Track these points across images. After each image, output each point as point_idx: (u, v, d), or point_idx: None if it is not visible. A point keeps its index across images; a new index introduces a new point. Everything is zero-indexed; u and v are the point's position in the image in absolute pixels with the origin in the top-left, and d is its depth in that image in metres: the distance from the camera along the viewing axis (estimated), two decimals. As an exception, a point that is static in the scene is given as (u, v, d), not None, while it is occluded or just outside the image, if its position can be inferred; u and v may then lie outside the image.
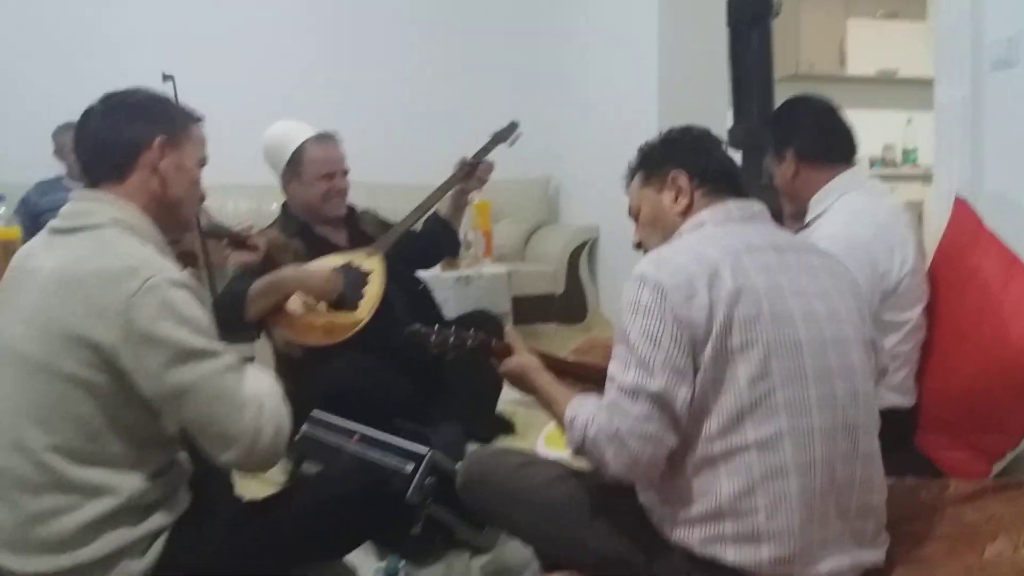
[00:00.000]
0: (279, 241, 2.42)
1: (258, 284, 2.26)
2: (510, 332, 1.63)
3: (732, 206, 1.45)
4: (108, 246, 1.35)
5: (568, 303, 4.51)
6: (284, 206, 2.63)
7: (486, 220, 4.23)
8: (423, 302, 2.66)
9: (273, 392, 1.42)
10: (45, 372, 1.31)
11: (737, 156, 3.19)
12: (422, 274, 2.80)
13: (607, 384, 1.34)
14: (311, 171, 2.51)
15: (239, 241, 1.92)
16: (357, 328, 2.31)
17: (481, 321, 2.48)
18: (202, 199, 1.57)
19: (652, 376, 1.28)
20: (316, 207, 2.54)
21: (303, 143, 2.52)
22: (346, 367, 2.23)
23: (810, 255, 1.45)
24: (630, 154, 1.60)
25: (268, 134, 2.61)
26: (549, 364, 1.57)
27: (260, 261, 2.23)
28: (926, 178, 4.92)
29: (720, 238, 1.39)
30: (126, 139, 1.44)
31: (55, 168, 3.85)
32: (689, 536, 1.32)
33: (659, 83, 3.95)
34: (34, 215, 3.59)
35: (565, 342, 3.79)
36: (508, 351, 1.58)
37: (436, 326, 1.65)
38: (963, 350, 1.96)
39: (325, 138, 2.56)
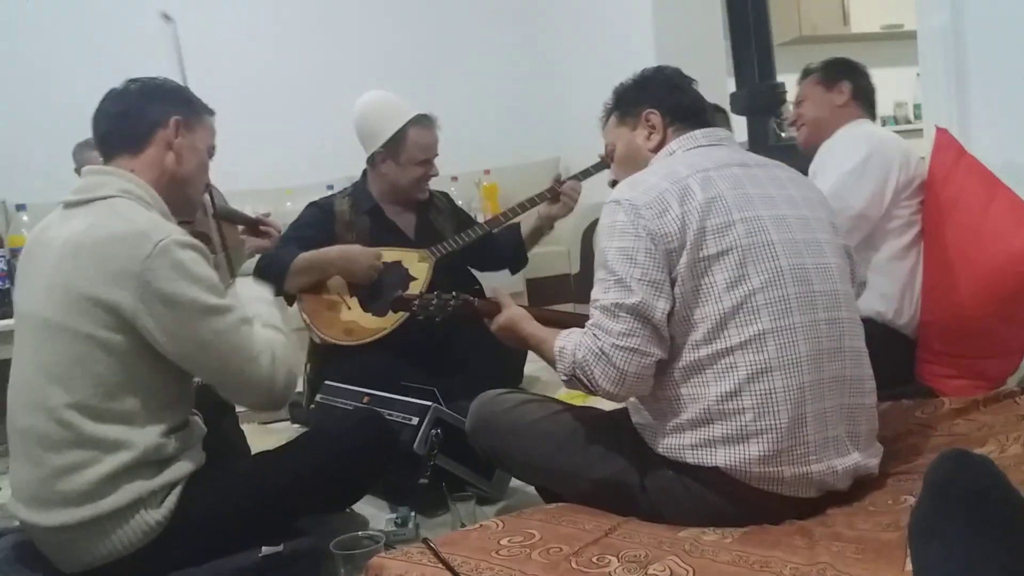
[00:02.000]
0: (346, 217, 2.48)
1: (301, 260, 2.33)
2: (497, 290, 1.69)
3: (698, 133, 1.51)
4: (118, 213, 1.43)
5: (583, 282, 4.53)
6: (363, 178, 2.57)
7: (495, 202, 4.28)
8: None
9: (281, 339, 1.54)
10: (64, 333, 1.40)
11: (741, 121, 3.23)
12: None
13: (591, 308, 1.40)
14: (411, 155, 2.44)
15: (255, 228, 2.01)
16: (377, 336, 2.33)
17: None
18: (208, 187, 1.67)
19: (630, 292, 1.33)
20: (405, 190, 2.50)
21: (406, 125, 2.44)
22: (364, 365, 2.24)
23: (776, 169, 1.50)
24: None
25: (366, 106, 2.51)
26: (537, 315, 1.63)
27: (308, 233, 2.26)
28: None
29: (688, 158, 1.45)
30: (145, 114, 1.53)
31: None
32: (680, 444, 1.36)
33: (656, 56, 3.97)
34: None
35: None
36: (497, 308, 1.64)
37: (420, 292, 1.73)
38: (952, 277, 1.98)
39: (426, 120, 2.48)
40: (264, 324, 1.54)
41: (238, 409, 2.01)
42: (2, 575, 1.47)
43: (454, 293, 1.72)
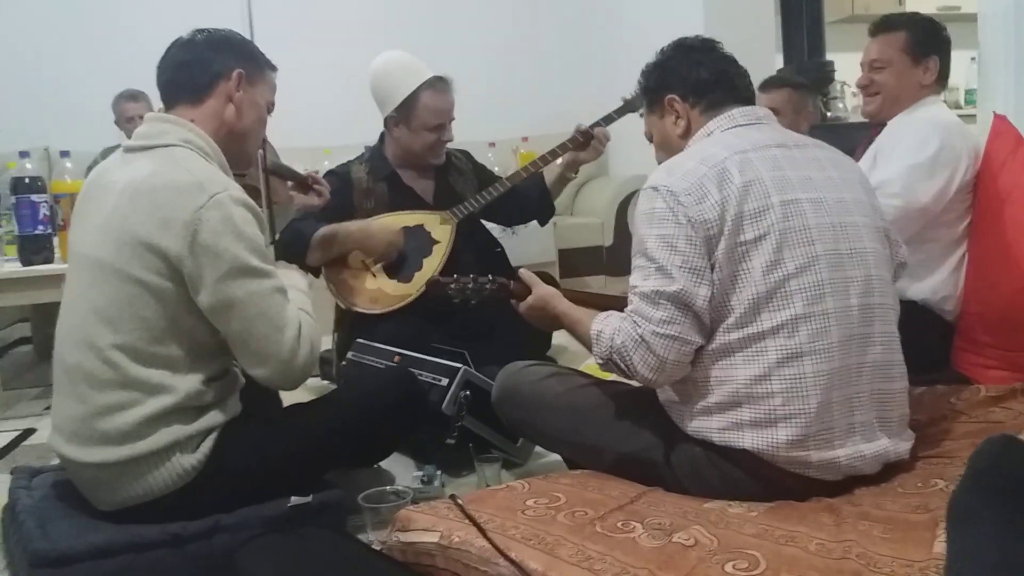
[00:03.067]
0: (364, 184, 2.45)
1: (321, 234, 2.32)
2: (525, 273, 1.68)
3: (736, 112, 1.47)
4: (179, 162, 1.45)
5: (616, 255, 4.52)
6: (380, 142, 2.53)
7: (532, 171, 4.25)
8: (495, 268, 2.45)
9: (311, 321, 1.53)
10: (116, 275, 1.42)
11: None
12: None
13: (629, 294, 1.39)
14: (422, 120, 2.38)
15: (304, 185, 1.99)
16: (403, 303, 2.33)
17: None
18: (263, 142, 1.67)
19: (672, 280, 1.32)
20: (419, 155, 2.45)
21: (418, 89, 2.37)
22: (392, 330, 2.22)
23: (816, 149, 1.46)
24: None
25: (379, 68, 2.46)
26: (570, 296, 1.62)
27: (328, 203, 2.20)
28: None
29: (726, 139, 1.42)
30: (209, 65, 1.54)
31: (119, 136, 4.03)
32: (708, 426, 1.36)
33: (705, 27, 3.90)
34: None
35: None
36: (527, 291, 1.64)
37: (455, 275, 1.73)
38: (1002, 267, 1.93)
39: (440, 83, 2.40)
40: (297, 308, 1.53)
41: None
42: (40, 511, 1.51)
43: (490, 276, 1.72)
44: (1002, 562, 0.86)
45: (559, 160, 2.51)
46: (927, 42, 2.09)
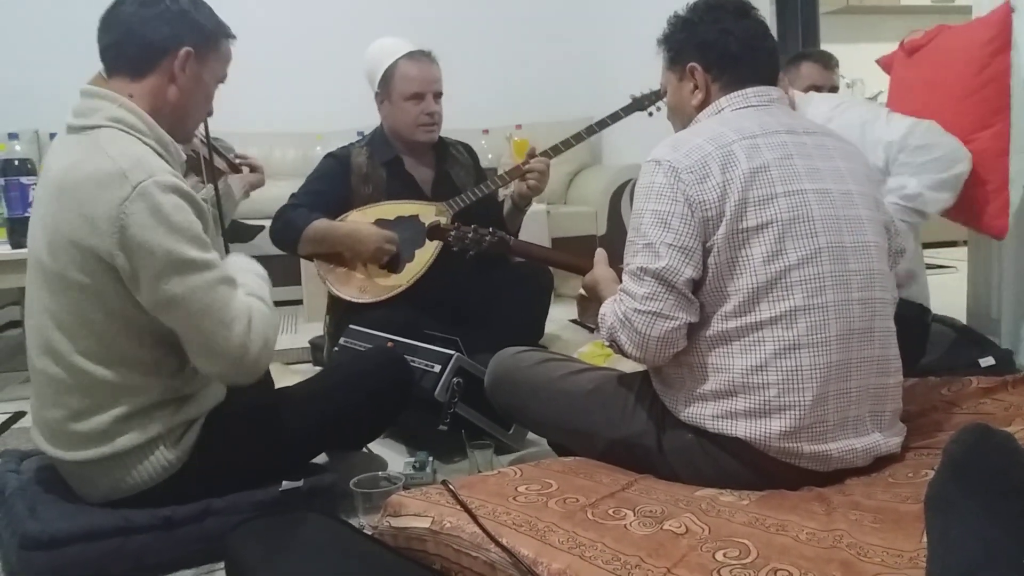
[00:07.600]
0: (363, 169, 2.44)
1: (313, 230, 2.33)
2: (600, 252, 1.65)
3: (750, 92, 1.44)
4: (102, 147, 1.34)
5: (610, 244, 4.50)
6: (381, 127, 2.53)
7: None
8: (492, 263, 2.37)
9: (264, 309, 1.42)
10: (59, 280, 1.36)
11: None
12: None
13: (623, 273, 1.39)
14: (400, 90, 2.40)
15: (232, 166, 1.91)
16: (391, 293, 2.33)
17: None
18: (209, 114, 1.57)
19: (657, 257, 1.32)
20: (406, 132, 2.44)
21: (396, 60, 2.41)
22: (385, 318, 2.22)
23: (824, 137, 1.45)
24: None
25: (369, 51, 2.51)
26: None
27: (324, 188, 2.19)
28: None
29: (736, 121, 1.40)
30: (154, 38, 1.41)
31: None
32: (702, 413, 1.36)
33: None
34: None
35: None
36: (589, 266, 1.62)
37: (456, 223, 1.72)
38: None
39: (419, 55, 2.43)
40: (248, 293, 1.43)
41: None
42: (30, 494, 1.50)
43: (491, 229, 1.71)
44: (984, 552, 0.86)
45: (510, 188, 2.51)
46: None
